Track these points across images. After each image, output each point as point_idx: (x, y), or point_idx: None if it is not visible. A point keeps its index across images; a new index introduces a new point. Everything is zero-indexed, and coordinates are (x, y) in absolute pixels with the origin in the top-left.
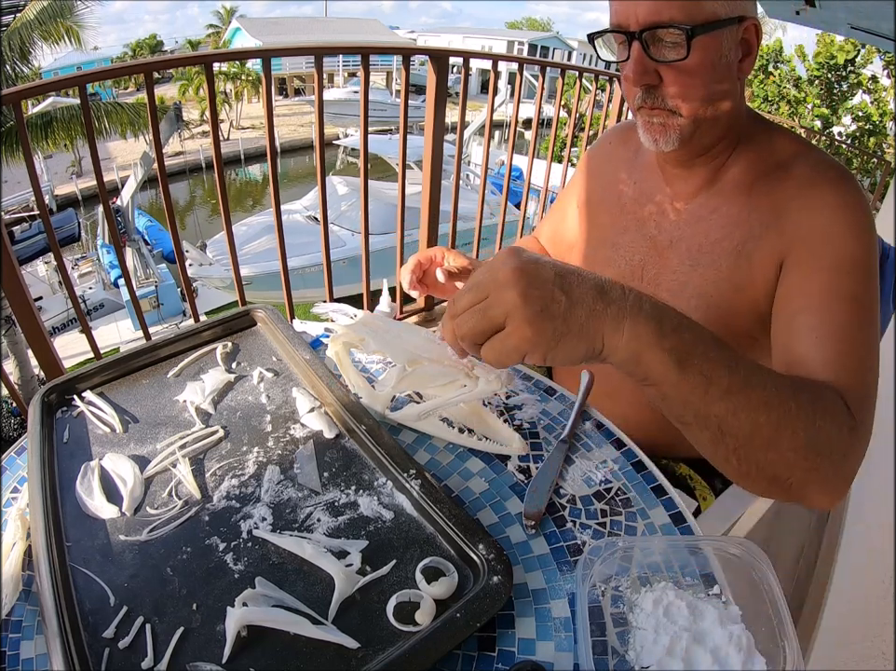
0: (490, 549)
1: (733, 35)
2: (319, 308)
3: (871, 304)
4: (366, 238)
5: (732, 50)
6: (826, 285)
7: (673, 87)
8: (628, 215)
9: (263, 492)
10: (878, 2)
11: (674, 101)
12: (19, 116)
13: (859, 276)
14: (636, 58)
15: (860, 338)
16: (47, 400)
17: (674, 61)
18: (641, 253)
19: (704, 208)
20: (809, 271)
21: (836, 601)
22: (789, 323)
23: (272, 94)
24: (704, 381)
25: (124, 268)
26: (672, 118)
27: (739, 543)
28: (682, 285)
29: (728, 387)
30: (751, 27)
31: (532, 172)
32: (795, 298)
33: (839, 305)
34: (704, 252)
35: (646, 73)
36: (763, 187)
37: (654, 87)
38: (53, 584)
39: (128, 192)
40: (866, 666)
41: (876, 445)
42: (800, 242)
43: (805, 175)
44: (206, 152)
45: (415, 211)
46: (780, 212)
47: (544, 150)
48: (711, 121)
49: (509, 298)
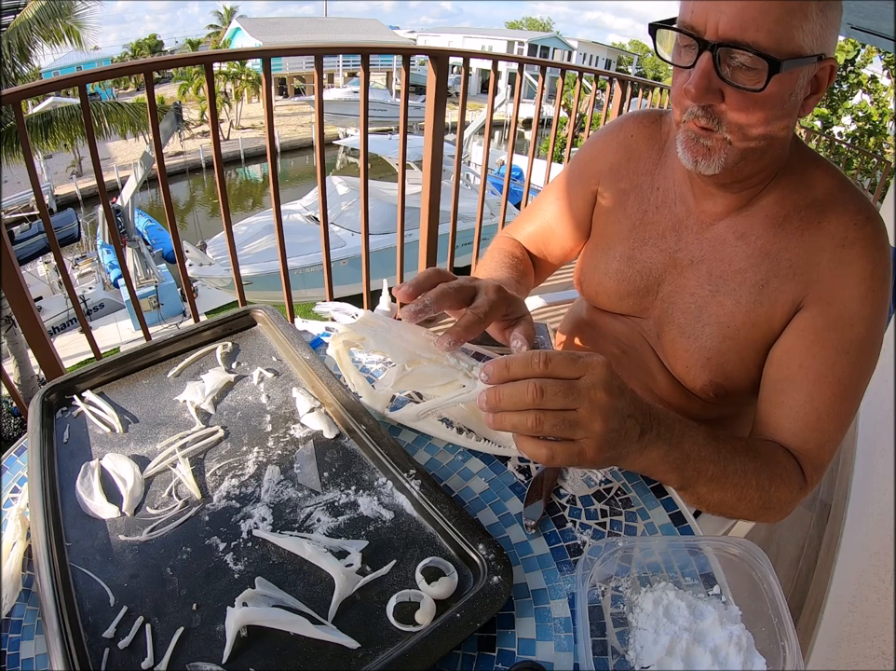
0: (490, 549)
1: (809, 72)
2: (320, 307)
3: (860, 382)
4: (366, 238)
5: (803, 88)
6: (825, 365)
7: (736, 114)
8: (648, 226)
9: (263, 492)
10: (878, 2)
11: (730, 127)
12: (19, 117)
13: (860, 360)
14: (704, 71)
15: (835, 419)
16: (47, 400)
17: (749, 89)
18: (658, 268)
19: (731, 231)
20: (818, 345)
21: (836, 601)
22: (779, 381)
23: (272, 94)
24: (695, 476)
25: (124, 268)
26: (722, 144)
27: (739, 543)
28: (698, 309)
29: (711, 476)
30: (827, 67)
31: (532, 172)
32: (794, 364)
33: (829, 389)
34: (726, 279)
35: (710, 91)
36: (795, 225)
37: (711, 106)
38: (53, 584)
39: (128, 192)
40: (866, 666)
41: (877, 446)
42: (821, 305)
43: (840, 226)
44: (206, 152)
45: (415, 211)
46: (811, 263)
47: (544, 150)
48: (759, 153)
49: (598, 428)
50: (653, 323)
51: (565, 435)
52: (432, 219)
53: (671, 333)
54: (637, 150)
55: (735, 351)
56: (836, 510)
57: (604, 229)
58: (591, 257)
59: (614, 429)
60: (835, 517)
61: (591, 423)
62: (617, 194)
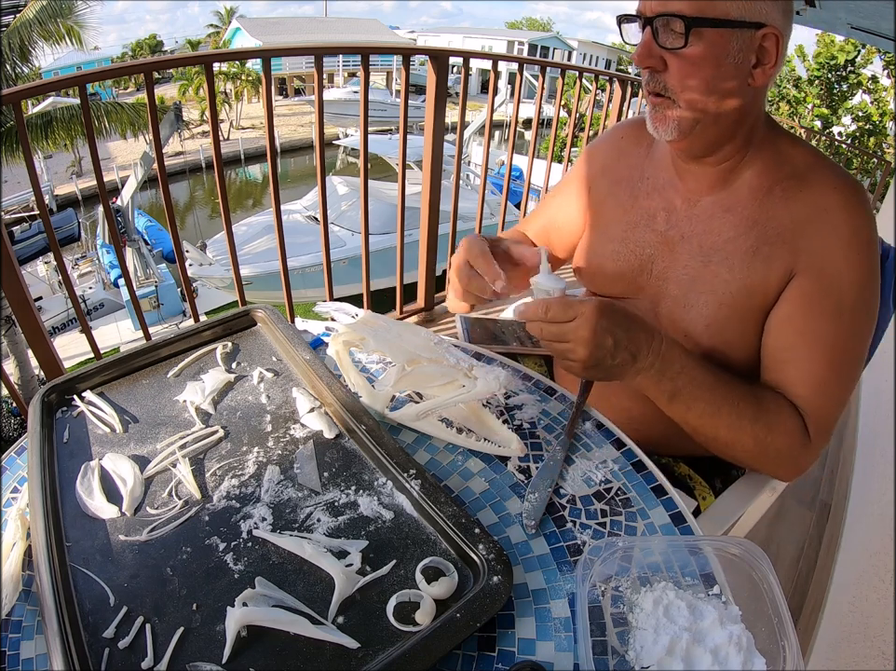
0: (490, 549)
1: (746, 39)
2: (320, 306)
3: (857, 344)
4: (366, 238)
5: (743, 53)
6: (822, 331)
7: (675, 74)
8: (639, 210)
9: (263, 492)
10: (878, 2)
11: (673, 88)
12: (19, 117)
13: (855, 322)
14: (643, 41)
15: (836, 381)
16: (47, 400)
17: (673, 49)
18: (650, 247)
19: (717, 206)
20: (813, 312)
21: (836, 601)
22: (779, 350)
23: (272, 94)
24: (685, 408)
25: (124, 268)
26: (672, 109)
27: (739, 543)
28: (691, 280)
29: (701, 412)
30: (770, 35)
31: (532, 172)
32: (792, 332)
33: (827, 353)
34: (717, 249)
35: (650, 56)
36: (779, 195)
37: (658, 72)
38: (53, 584)
39: (128, 192)
40: (866, 666)
41: (877, 446)
42: (812, 272)
43: (821, 194)
44: (206, 152)
45: (415, 211)
46: (797, 230)
47: (544, 150)
48: (712, 117)
49: (581, 354)
50: (649, 302)
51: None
52: (432, 219)
53: (667, 306)
54: (627, 149)
55: (733, 319)
56: (836, 510)
57: (598, 218)
58: (587, 242)
59: (596, 356)
60: (835, 517)
61: (575, 351)
62: (609, 186)
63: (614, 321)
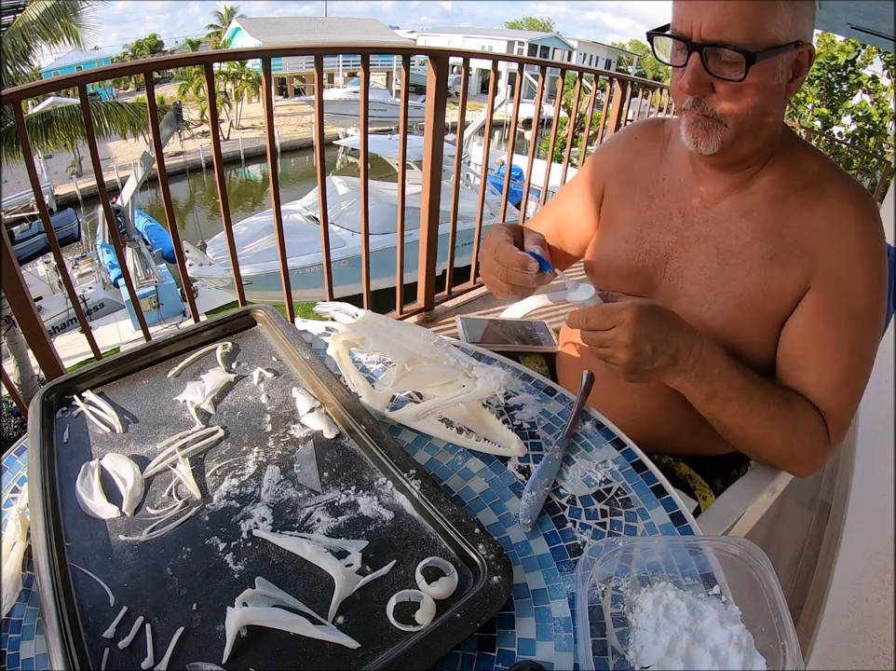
0: (490, 549)
1: (788, 59)
2: (320, 306)
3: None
4: (366, 238)
5: (784, 73)
6: (840, 338)
7: (725, 101)
8: (655, 210)
9: (263, 492)
10: (878, 2)
11: (723, 113)
12: (19, 117)
13: (870, 328)
14: (693, 69)
15: (852, 384)
16: (47, 400)
17: (731, 80)
18: (666, 247)
19: (734, 209)
20: (832, 320)
21: (836, 601)
22: (798, 358)
23: (272, 94)
24: (719, 409)
25: (124, 268)
26: (717, 126)
27: (739, 543)
28: (709, 280)
29: (734, 412)
30: (805, 52)
31: (532, 172)
32: (811, 339)
33: (844, 358)
34: (734, 252)
35: (701, 84)
36: (794, 204)
37: (705, 97)
38: (53, 584)
39: (128, 192)
40: (866, 666)
41: (877, 446)
42: (829, 280)
43: (836, 205)
44: (206, 152)
45: (415, 211)
46: (814, 238)
47: (544, 150)
48: (753, 133)
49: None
50: (662, 301)
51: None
52: (432, 219)
53: (682, 305)
54: (642, 150)
55: (750, 320)
56: (836, 510)
57: (612, 217)
58: (601, 241)
59: (636, 361)
60: (835, 517)
61: (616, 357)
62: (624, 187)
63: (652, 326)
